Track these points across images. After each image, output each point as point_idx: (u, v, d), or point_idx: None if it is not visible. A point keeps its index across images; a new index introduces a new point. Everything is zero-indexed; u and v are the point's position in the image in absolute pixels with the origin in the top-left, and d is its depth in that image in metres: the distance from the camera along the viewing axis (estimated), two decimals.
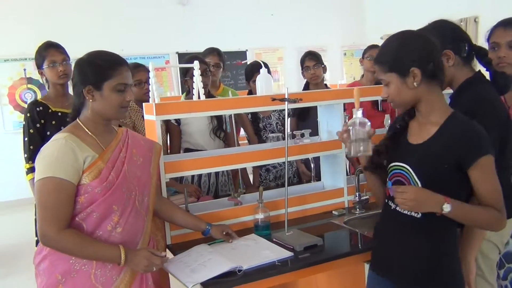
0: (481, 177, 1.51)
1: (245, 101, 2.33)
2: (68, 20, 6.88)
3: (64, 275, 1.64)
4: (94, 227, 1.66)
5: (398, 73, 1.55)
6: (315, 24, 8.34)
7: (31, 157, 2.61)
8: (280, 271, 1.82)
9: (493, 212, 1.53)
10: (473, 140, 1.52)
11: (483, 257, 1.82)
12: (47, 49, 2.64)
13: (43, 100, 2.69)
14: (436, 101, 1.59)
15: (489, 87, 1.84)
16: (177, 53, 7.39)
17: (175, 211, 2.03)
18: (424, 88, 1.56)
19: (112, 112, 1.72)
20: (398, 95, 1.57)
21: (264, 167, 3.23)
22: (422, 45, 1.55)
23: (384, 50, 1.60)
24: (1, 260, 4.62)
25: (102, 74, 1.67)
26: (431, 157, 1.56)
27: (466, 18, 6.59)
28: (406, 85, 1.55)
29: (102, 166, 1.67)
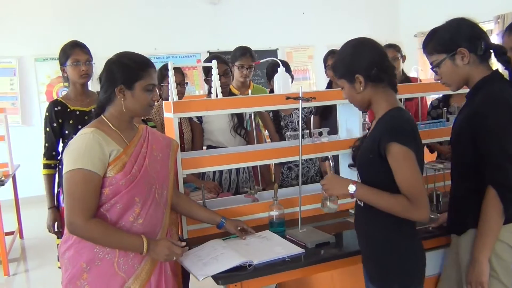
0: (393, 165, 1.61)
1: (261, 100, 2.36)
2: (103, 21, 7.10)
3: (88, 263, 1.72)
4: (118, 217, 1.75)
5: (347, 79, 1.73)
6: (347, 22, 8.26)
7: (45, 154, 2.77)
8: (289, 267, 1.85)
9: (402, 200, 1.60)
10: (387, 128, 1.64)
11: (497, 258, 1.78)
12: (72, 48, 2.72)
13: (63, 99, 2.79)
14: (382, 100, 1.71)
15: (506, 86, 1.80)
16: (208, 52, 7.47)
17: (191, 205, 2.11)
18: (371, 91, 1.70)
19: (141, 110, 1.84)
20: (351, 97, 1.77)
21: (286, 165, 3.25)
22: (366, 53, 1.70)
23: (337, 58, 1.80)
24: (32, 253, 4.86)
25: (135, 75, 1.78)
26: (363, 150, 1.75)
27: (504, 14, 6.39)
28: (355, 89, 1.72)
29: (126, 160, 1.76)
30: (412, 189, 1.60)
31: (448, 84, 1.87)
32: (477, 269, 1.75)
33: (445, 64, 1.81)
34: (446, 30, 1.82)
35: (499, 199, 1.70)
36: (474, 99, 1.81)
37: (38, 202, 5.92)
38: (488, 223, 1.73)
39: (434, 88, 2.85)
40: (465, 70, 1.80)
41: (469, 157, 1.80)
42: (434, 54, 1.83)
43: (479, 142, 1.74)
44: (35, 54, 6.94)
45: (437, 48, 1.82)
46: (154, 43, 7.19)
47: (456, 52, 1.78)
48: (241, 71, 3.26)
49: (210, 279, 1.77)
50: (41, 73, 7.01)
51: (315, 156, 2.70)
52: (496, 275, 1.78)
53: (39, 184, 2.96)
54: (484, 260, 1.74)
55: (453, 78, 1.84)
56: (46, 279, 4.09)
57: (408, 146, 1.59)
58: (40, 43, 6.82)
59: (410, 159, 1.60)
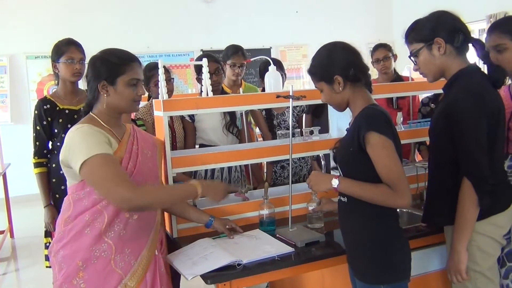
0: (373, 154, 1.64)
1: (252, 98, 2.35)
2: (96, 19, 7.06)
3: (85, 261, 1.69)
4: (114, 214, 1.72)
5: (326, 81, 1.77)
6: (340, 21, 8.27)
7: (36, 153, 2.74)
8: (279, 266, 1.85)
9: (384, 188, 1.64)
10: (363, 120, 1.69)
11: (481, 253, 1.81)
12: (68, 46, 2.69)
13: (52, 97, 2.76)
14: (359, 99, 1.76)
15: (482, 79, 1.82)
16: (201, 50, 7.45)
17: (180, 203, 2.09)
18: (349, 91, 1.75)
19: (125, 106, 1.81)
20: (330, 99, 1.81)
21: (279, 164, 3.24)
22: (342, 55, 1.76)
23: (313, 63, 1.82)
24: (22, 252, 4.82)
25: (116, 70, 1.75)
26: (342, 145, 1.81)
27: (496, 14, 6.42)
28: (334, 90, 1.76)
29: (122, 155, 1.75)
30: (392, 176, 1.62)
31: (425, 74, 1.90)
32: (455, 258, 1.79)
33: (422, 53, 1.85)
34: (427, 21, 1.86)
35: (474, 190, 1.73)
36: (450, 91, 1.84)
37: (29, 201, 5.90)
38: (464, 214, 1.76)
39: (426, 87, 2.85)
40: (441, 61, 1.82)
41: (447, 151, 1.82)
42: (414, 43, 1.87)
43: (455, 135, 1.77)
44: (27, 51, 6.89)
45: (416, 38, 1.86)
46: (147, 41, 7.17)
47: (433, 42, 1.80)
48: (233, 69, 3.26)
49: (200, 278, 1.76)
50: (32, 71, 6.96)
51: (306, 154, 2.70)
52: (480, 269, 1.81)
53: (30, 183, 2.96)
54: (461, 249, 1.78)
55: (429, 68, 1.86)
56: (37, 279, 4.07)
57: (386, 135, 1.63)
58: (32, 40, 6.78)
59: (389, 147, 1.63)
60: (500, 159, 1.89)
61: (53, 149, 2.77)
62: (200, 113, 2.22)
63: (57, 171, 2.73)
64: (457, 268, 1.79)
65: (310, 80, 1.88)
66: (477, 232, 1.79)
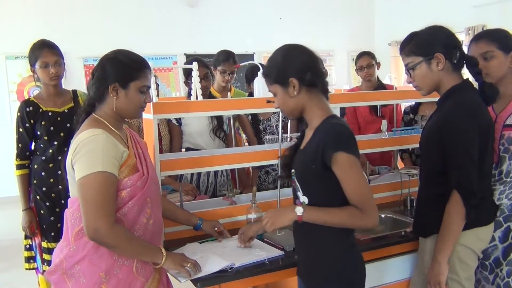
0: (340, 174, 1.57)
1: (241, 103, 2.37)
2: (78, 20, 6.98)
3: (107, 272, 1.64)
4: (134, 221, 1.69)
5: (280, 84, 1.66)
6: (323, 28, 8.37)
7: (19, 155, 2.70)
8: (269, 269, 1.86)
9: (352, 210, 1.57)
10: (331, 137, 1.59)
11: (460, 263, 1.85)
12: (40, 49, 2.63)
13: (35, 99, 2.72)
14: (316, 108, 1.67)
15: (475, 95, 1.87)
16: (185, 54, 7.45)
17: (168, 205, 2.07)
18: (305, 96, 1.65)
19: (133, 111, 1.77)
20: (284, 104, 1.68)
21: (264, 169, 3.26)
22: (299, 57, 1.66)
23: (268, 64, 1.72)
24: (3, 255, 4.70)
25: (131, 74, 1.71)
26: (304, 159, 1.66)
27: (474, 26, 6.58)
28: (288, 94, 1.65)
29: (134, 161, 1.72)
30: (361, 197, 1.57)
31: (420, 87, 1.92)
32: (436, 269, 1.82)
33: (420, 67, 1.86)
34: (426, 34, 1.87)
35: (463, 203, 1.76)
36: (444, 105, 1.87)
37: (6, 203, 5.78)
38: (450, 226, 1.79)
39: (409, 96, 2.92)
40: (438, 76, 1.86)
41: (437, 163, 1.86)
42: (411, 56, 1.88)
43: (447, 147, 1.80)
44: (6, 51, 6.77)
45: (415, 50, 1.87)
46: (130, 43, 7.06)
47: (433, 57, 1.83)
48: (223, 76, 3.27)
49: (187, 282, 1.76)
50: (12, 72, 6.83)
51: None
52: (458, 279, 1.85)
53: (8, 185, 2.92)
54: (443, 261, 1.80)
55: (426, 82, 1.89)
56: (14, 282, 3.98)
57: (354, 154, 1.57)
58: (12, 40, 6.66)
59: (357, 166, 1.58)
60: (488, 175, 1.93)
61: (35, 150, 2.73)
62: (189, 116, 2.21)
63: (39, 173, 2.71)
64: (438, 280, 1.81)
65: None
66: (458, 243, 1.83)
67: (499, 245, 1.94)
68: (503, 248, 1.94)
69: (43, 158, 2.69)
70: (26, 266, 2.83)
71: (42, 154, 2.70)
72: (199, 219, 2.08)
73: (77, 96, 2.82)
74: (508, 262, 1.92)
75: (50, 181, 2.70)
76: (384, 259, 2.11)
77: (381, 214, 2.49)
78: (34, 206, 2.74)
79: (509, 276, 1.91)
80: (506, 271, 1.92)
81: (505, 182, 1.96)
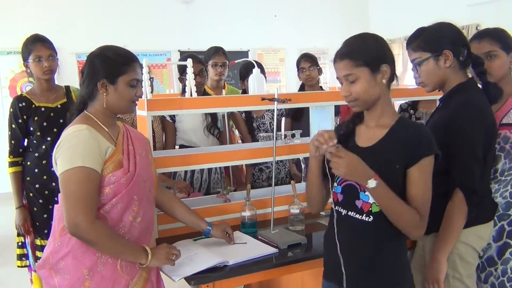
0: (419, 177, 1.51)
1: (236, 100, 2.36)
2: (71, 15, 6.94)
3: (91, 269, 1.63)
4: (118, 218, 1.67)
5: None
6: (318, 26, 8.37)
7: (12, 151, 2.68)
8: (263, 267, 1.85)
9: (415, 215, 1.50)
10: (425, 139, 1.53)
11: (461, 261, 1.85)
12: (34, 43, 2.62)
13: (27, 94, 2.71)
14: (389, 104, 1.62)
15: (481, 94, 1.86)
16: (179, 51, 7.43)
17: (176, 205, 2.03)
18: (385, 89, 1.58)
19: (124, 106, 1.76)
20: (367, 91, 1.55)
21: (257, 167, 3.26)
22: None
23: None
24: None
25: (118, 69, 1.70)
26: (382, 159, 1.55)
27: (468, 25, 6.61)
28: (375, 81, 1.55)
29: (120, 157, 1.70)
30: (426, 203, 1.53)
31: (425, 84, 1.91)
32: (435, 267, 1.81)
33: (427, 63, 1.85)
34: (435, 30, 1.86)
35: (465, 202, 1.76)
36: (449, 103, 1.86)
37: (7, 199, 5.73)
38: (451, 224, 1.78)
39: (405, 94, 2.92)
40: (444, 73, 1.85)
41: (440, 161, 1.85)
42: (418, 52, 1.86)
43: (451, 146, 1.79)
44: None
45: (423, 46, 1.85)
46: (124, 39, 7.04)
47: (441, 53, 1.82)
48: (215, 69, 3.27)
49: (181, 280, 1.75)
50: (4, 67, 6.78)
51: (288, 157, 2.72)
52: (460, 277, 1.85)
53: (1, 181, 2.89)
54: (442, 259, 1.80)
55: (432, 79, 1.87)
56: (5, 279, 3.95)
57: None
58: (4, 36, 6.60)
59: (431, 172, 1.54)
60: (488, 173, 1.93)
61: (28, 147, 2.71)
62: (183, 113, 2.20)
63: (32, 170, 2.69)
64: (436, 278, 1.81)
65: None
66: (459, 241, 1.83)
67: (492, 244, 1.95)
68: (497, 247, 1.94)
69: (36, 154, 2.67)
70: (18, 264, 2.82)
71: (35, 150, 2.68)
72: (208, 225, 2.00)
73: (70, 92, 2.80)
74: (503, 261, 1.92)
75: (43, 178, 2.68)
76: None
77: None
78: (27, 204, 2.72)
79: (504, 275, 1.91)
80: (501, 270, 1.92)
81: (500, 181, 1.96)
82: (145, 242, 1.74)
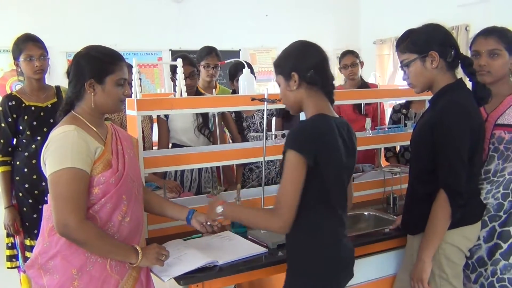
0: (284, 169, 1.58)
1: (226, 100, 2.37)
2: (61, 14, 6.88)
3: (80, 269, 1.63)
4: (107, 218, 1.67)
5: (283, 75, 1.70)
6: (309, 26, 8.37)
7: (1, 151, 2.65)
8: (253, 267, 1.86)
9: (265, 213, 1.67)
10: (288, 134, 1.64)
11: (447, 261, 1.87)
12: (25, 42, 2.61)
13: (17, 93, 2.69)
14: (311, 106, 1.68)
15: (468, 94, 1.87)
16: (170, 50, 7.39)
17: (162, 201, 2.02)
18: (304, 93, 1.67)
19: (112, 105, 1.76)
20: (284, 96, 1.72)
21: (248, 167, 3.26)
22: (310, 54, 1.70)
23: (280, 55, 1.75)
24: None
25: (105, 68, 1.70)
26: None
27: (458, 26, 6.65)
28: (289, 87, 1.68)
29: (109, 157, 1.70)
30: (280, 196, 1.57)
31: (414, 85, 1.93)
32: (419, 266, 1.84)
33: (414, 64, 1.87)
34: (422, 32, 1.88)
35: (449, 203, 1.77)
36: (436, 104, 1.88)
37: None
38: (435, 225, 1.80)
39: (393, 94, 2.95)
40: (432, 74, 1.86)
41: (427, 161, 1.87)
42: (406, 53, 1.88)
43: (437, 146, 1.80)
44: None
45: (410, 48, 1.87)
46: (114, 38, 6.99)
47: (427, 55, 1.83)
48: (206, 70, 3.27)
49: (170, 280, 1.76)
50: None
51: (278, 157, 2.72)
52: (446, 277, 1.87)
53: None
54: (426, 259, 1.82)
55: (419, 80, 1.89)
56: None
57: (300, 151, 1.55)
58: None
59: (294, 165, 1.55)
60: (476, 174, 1.95)
61: (18, 146, 2.69)
62: (174, 113, 2.20)
63: (21, 169, 2.67)
64: (420, 277, 1.83)
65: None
66: (445, 242, 1.85)
67: (483, 245, 1.96)
68: (487, 248, 1.95)
69: (25, 154, 2.66)
70: (8, 265, 2.79)
71: (24, 150, 2.66)
72: (189, 213, 1.95)
73: (60, 91, 2.79)
74: (493, 262, 1.93)
75: (33, 178, 2.66)
76: (367, 256, 2.13)
77: (364, 211, 2.52)
78: (17, 204, 2.70)
79: (494, 275, 1.93)
80: (491, 270, 1.93)
81: (492, 182, 1.97)
82: (134, 242, 1.74)
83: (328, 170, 1.60)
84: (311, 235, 1.66)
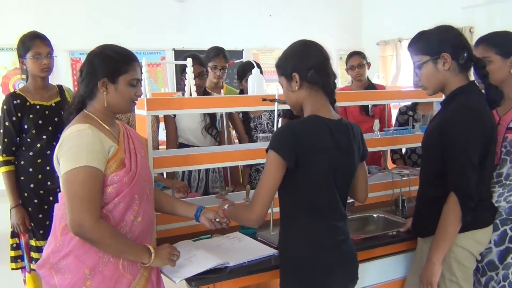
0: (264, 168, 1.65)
1: (235, 100, 2.36)
2: (65, 13, 6.87)
3: (92, 269, 1.62)
4: (120, 218, 1.66)
5: (284, 76, 1.72)
6: (312, 27, 8.36)
7: (5, 150, 2.62)
8: (263, 268, 1.85)
9: (242, 207, 1.81)
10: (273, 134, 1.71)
11: (458, 264, 1.86)
12: (33, 40, 2.59)
13: (21, 91, 2.66)
14: (309, 106, 1.70)
15: (480, 97, 1.86)
16: (173, 49, 7.39)
17: (172, 200, 2.02)
18: (305, 92, 1.69)
19: (124, 105, 1.75)
20: (286, 97, 1.77)
21: (254, 167, 3.25)
22: (312, 54, 1.71)
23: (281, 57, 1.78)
24: None
25: (119, 68, 1.69)
26: None
27: (462, 28, 6.63)
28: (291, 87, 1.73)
29: (123, 156, 1.69)
30: (255, 192, 1.64)
31: (425, 87, 1.92)
32: (429, 269, 1.83)
33: (426, 66, 1.86)
34: (434, 34, 1.87)
35: (459, 206, 1.76)
36: (448, 106, 1.87)
37: None
38: (446, 228, 1.79)
39: (401, 96, 2.94)
40: (444, 76, 1.85)
41: (438, 164, 1.86)
42: (418, 55, 1.88)
43: (447, 149, 1.80)
44: None
45: (422, 50, 1.87)
46: (118, 37, 6.97)
47: (439, 56, 1.82)
48: (214, 72, 3.26)
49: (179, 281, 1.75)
50: None
51: None
52: (456, 280, 1.86)
53: None
54: (436, 262, 1.81)
55: (431, 82, 1.88)
56: None
57: (279, 152, 1.59)
58: None
59: (272, 165, 1.60)
60: (488, 177, 1.94)
61: (22, 145, 2.66)
62: (183, 113, 2.19)
63: (26, 169, 2.64)
64: (430, 280, 1.82)
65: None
66: (456, 245, 1.84)
67: (494, 248, 1.95)
68: (499, 252, 1.95)
69: (30, 153, 2.63)
70: (12, 266, 2.74)
71: (29, 149, 2.64)
72: (197, 211, 1.95)
73: (63, 91, 2.78)
74: (505, 266, 1.93)
75: (39, 177, 2.64)
76: (376, 259, 2.12)
77: (373, 214, 2.51)
78: (21, 204, 2.67)
79: (505, 279, 1.92)
80: (503, 275, 1.93)
81: (505, 185, 1.97)
82: (146, 242, 1.74)
83: (311, 171, 1.62)
84: (297, 238, 1.70)
